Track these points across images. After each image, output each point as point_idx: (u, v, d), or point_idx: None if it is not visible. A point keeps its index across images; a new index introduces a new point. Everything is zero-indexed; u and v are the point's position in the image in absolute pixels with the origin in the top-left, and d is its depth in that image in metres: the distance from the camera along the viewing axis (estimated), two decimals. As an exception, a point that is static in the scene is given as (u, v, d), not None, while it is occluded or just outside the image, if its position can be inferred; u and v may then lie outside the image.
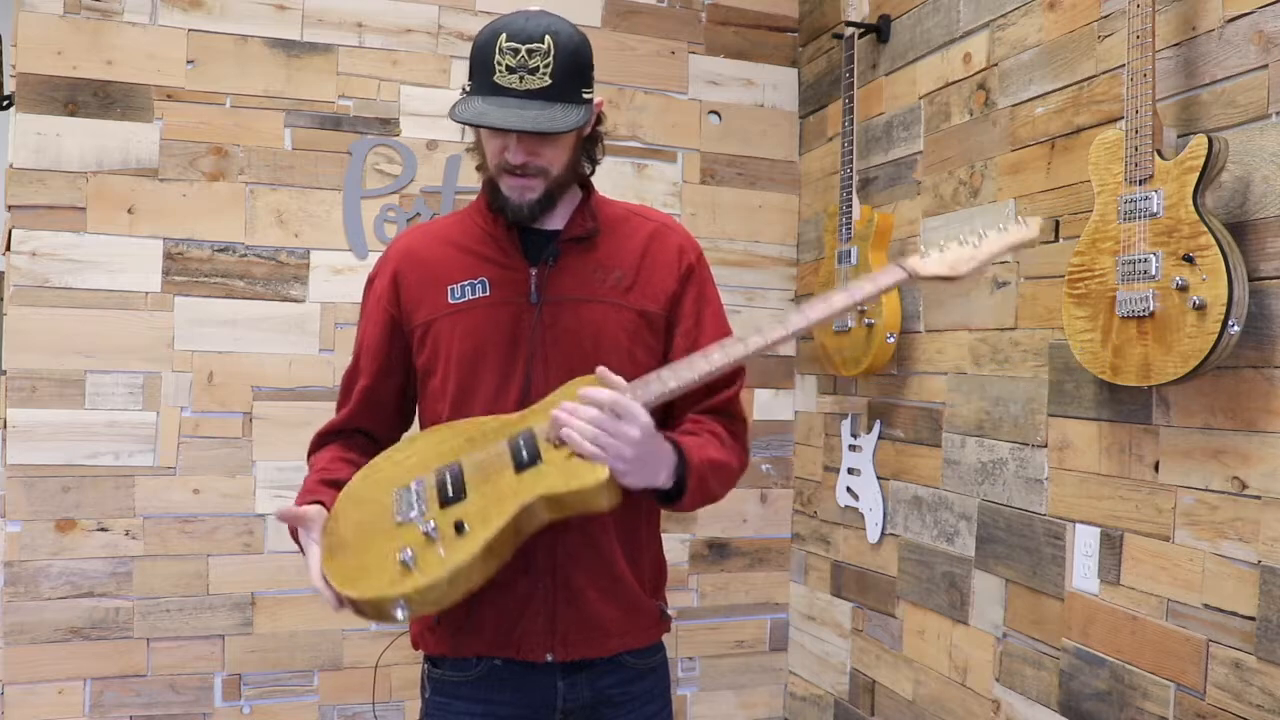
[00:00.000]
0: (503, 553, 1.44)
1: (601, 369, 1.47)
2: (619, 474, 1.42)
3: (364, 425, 1.71)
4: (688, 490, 1.50)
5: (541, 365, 1.58)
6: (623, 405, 1.41)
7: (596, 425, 1.40)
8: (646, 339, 1.62)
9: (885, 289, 1.55)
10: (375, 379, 1.69)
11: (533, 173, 1.55)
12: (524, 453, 1.46)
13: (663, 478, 1.48)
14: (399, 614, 1.38)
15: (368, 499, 1.52)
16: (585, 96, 1.53)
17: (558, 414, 1.43)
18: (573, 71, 1.50)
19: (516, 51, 1.47)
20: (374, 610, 1.41)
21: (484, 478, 1.47)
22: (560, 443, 1.44)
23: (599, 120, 1.63)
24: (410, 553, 1.40)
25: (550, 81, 1.48)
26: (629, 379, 1.52)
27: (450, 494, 1.46)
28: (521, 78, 1.47)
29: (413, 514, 1.46)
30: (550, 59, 1.47)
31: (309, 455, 1.71)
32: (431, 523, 1.42)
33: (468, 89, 1.53)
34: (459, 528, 1.41)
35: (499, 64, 1.47)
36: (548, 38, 1.48)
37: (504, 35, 1.48)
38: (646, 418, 1.43)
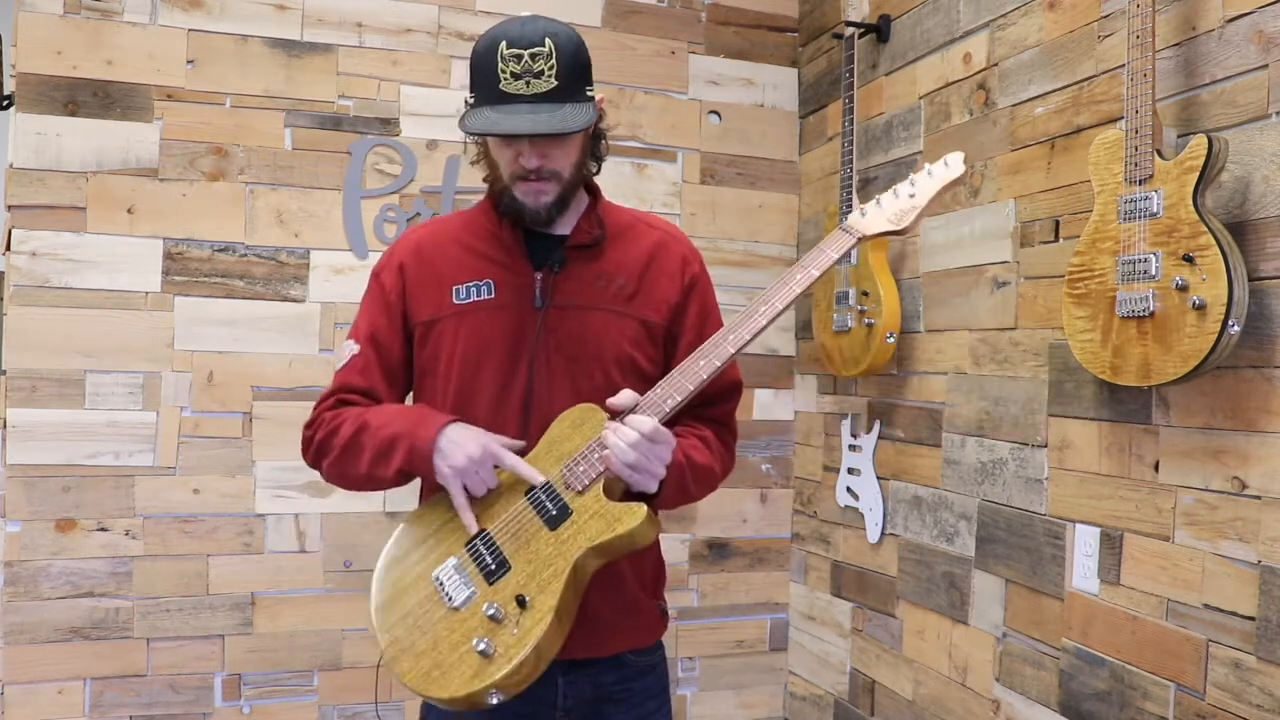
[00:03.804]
0: (571, 612, 1.46)
1: (612, 400, 1.50)
2: (634, 484, 1.47)
3: (368, 386, 1.64)
4: (665, 487, 1.52)
5: (544, 370, 1.59)
6: (660, 433, 1.46)
7: (637, 450, 1.45)
8: (647, 348, 1.64)
9: (839, 258, 1.57)
10: (378, 358, 1.65)
11: (546, 176, 1.55)
12: (551, 509, 1.48)
13: (654, 486, 1.51)
14: (493, 701, 1.41)
15: (408, 589, 1.51)
16: (589, 94, 1.55)
17: (608, 436, 1.46)
18: (576, 71, 1.51)
19: (520, 57, 1.48)
20: (467, 704, 1.42)
21: (521, 543, 1.48)
22: (581, 490, 1.47)
23: (600, 117, 1.64)
24: (485, 641, 1.41)
25: (556, 83, 1.49)
26: (630, 387, 1.54)
27: (494, 568, 1.47)
28: (528, 83, 1.48)
29: (465, 597, 1.46)
30: (554, 61, 1.48)
31: (320, 419, 1.62)
32: (493, 604, 1.43)
33: (471, 100, 1.54)
34: (520, 601, 1.43)
35: (503, 72, 1.48)
36: (548, 40, 1.48)
37: (504, 43, 1.49)
38: (674, 439, 1.50)
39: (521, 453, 1.54)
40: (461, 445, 1.50)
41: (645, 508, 1.45)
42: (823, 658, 3.12)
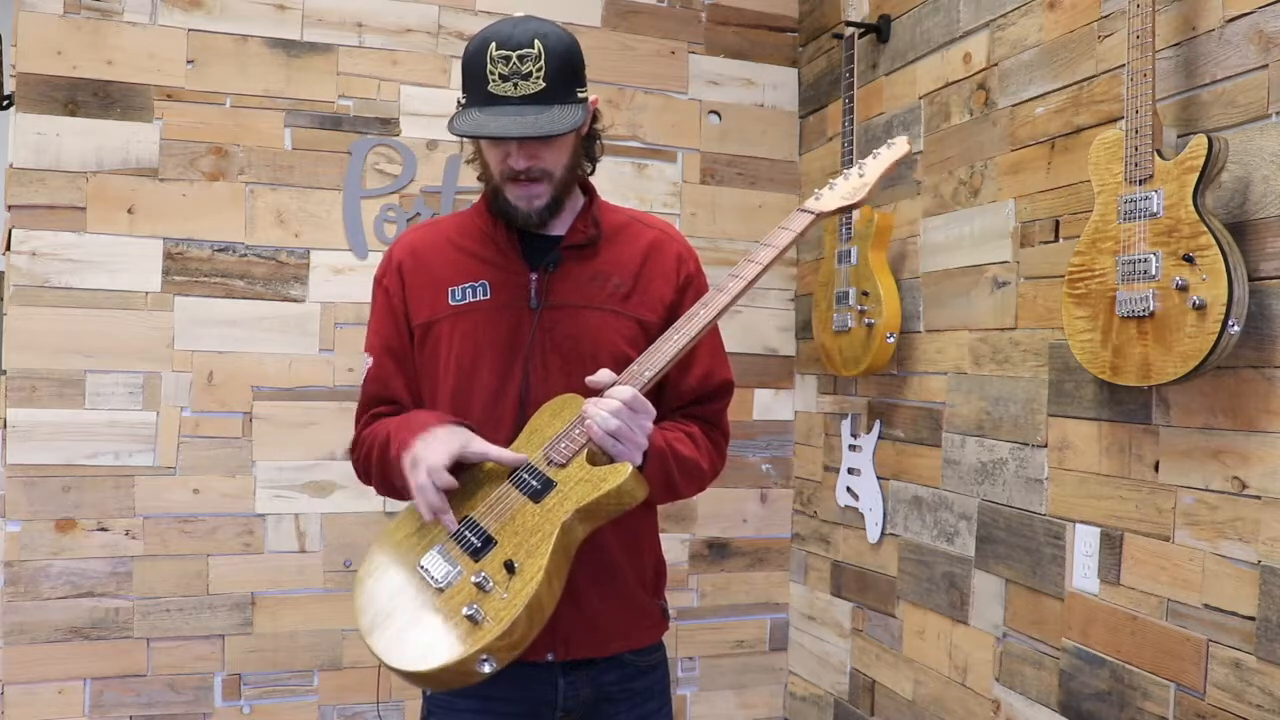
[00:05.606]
0: (562, 574, 1.44)
1: (590, 378, 1.49)
2: (618, 455, 1.45)
3: (391, 395, 1.68)
4: (648, 469, 1.50)
5: (540, 370, 1.59)
6: (640, 401, 1.45)
7: (619, 418, 1.43)
8: (643, 347, 1.63)
9: (800, 235, 1.59)
10: (397, 366, 1.67)
11: (536, 176, 1.56)
12: (534, 483, 1.47)
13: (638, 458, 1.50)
14: (486, 669, 1.36)
15: (392, 577, 1.50)
16: (580, 96, 1.54)
17: (589, 408, 1.45)
18: (565, 73, 1.51)
19: (508, 59, 1.48)
20: (458, 674, 1.38)
21: (505, 520, 1.47)
22: (564, 463, 1.46)
23: (595, 118, 1.64)
24: (474, 607, 1.38)
25: (544, 85, 1.49)
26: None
27: (479, 546, 1.46)
28: (516, 84, 1.48)
29: (451, 575, 1.44)
30: (542, 63, 1.48)
31: (360, 440, 1.67)
32: (480, 574, 1.41)
33: (462, 101, 1.54)
34: (509, 567, 1.41)
35: (492, 73, 1.49)
36: (537, 42, 1.49)
37: (494, 44, 1.49)
38: (654, 409, 1.48)
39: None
40: (413, 471, 1.48)
41: (631, 465, 1.44)
42: (823, 658, 3.12)
